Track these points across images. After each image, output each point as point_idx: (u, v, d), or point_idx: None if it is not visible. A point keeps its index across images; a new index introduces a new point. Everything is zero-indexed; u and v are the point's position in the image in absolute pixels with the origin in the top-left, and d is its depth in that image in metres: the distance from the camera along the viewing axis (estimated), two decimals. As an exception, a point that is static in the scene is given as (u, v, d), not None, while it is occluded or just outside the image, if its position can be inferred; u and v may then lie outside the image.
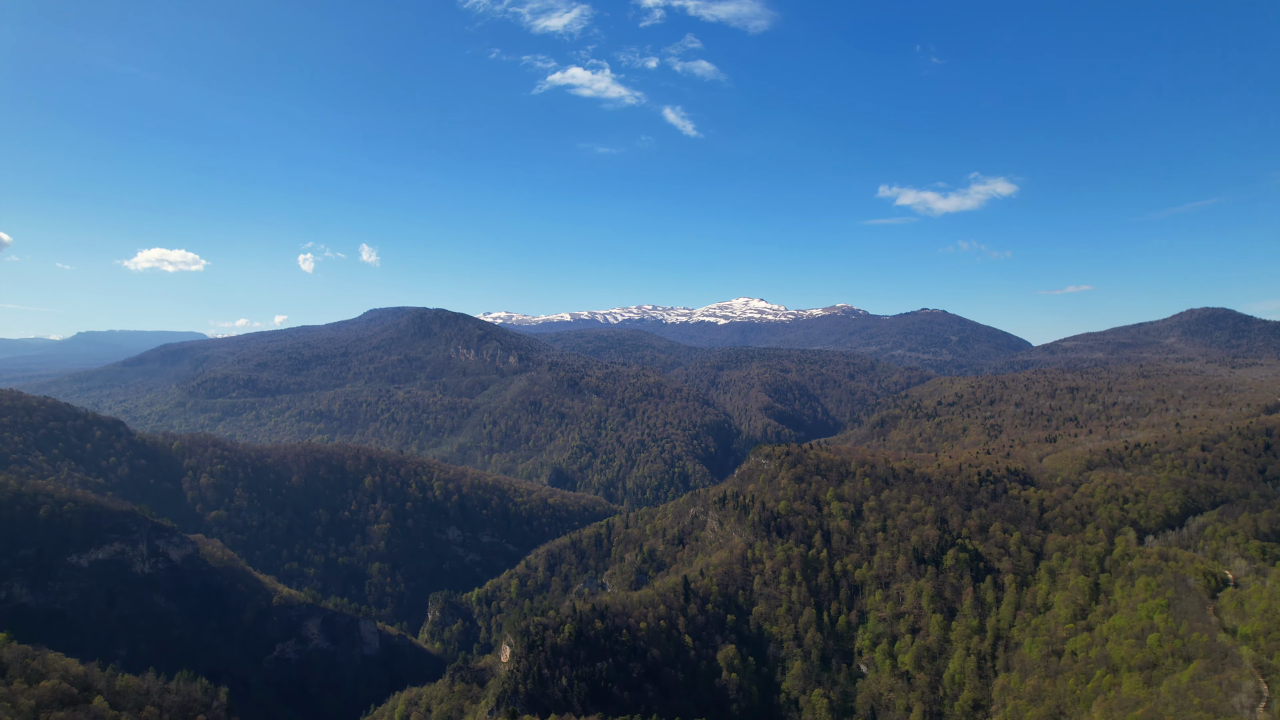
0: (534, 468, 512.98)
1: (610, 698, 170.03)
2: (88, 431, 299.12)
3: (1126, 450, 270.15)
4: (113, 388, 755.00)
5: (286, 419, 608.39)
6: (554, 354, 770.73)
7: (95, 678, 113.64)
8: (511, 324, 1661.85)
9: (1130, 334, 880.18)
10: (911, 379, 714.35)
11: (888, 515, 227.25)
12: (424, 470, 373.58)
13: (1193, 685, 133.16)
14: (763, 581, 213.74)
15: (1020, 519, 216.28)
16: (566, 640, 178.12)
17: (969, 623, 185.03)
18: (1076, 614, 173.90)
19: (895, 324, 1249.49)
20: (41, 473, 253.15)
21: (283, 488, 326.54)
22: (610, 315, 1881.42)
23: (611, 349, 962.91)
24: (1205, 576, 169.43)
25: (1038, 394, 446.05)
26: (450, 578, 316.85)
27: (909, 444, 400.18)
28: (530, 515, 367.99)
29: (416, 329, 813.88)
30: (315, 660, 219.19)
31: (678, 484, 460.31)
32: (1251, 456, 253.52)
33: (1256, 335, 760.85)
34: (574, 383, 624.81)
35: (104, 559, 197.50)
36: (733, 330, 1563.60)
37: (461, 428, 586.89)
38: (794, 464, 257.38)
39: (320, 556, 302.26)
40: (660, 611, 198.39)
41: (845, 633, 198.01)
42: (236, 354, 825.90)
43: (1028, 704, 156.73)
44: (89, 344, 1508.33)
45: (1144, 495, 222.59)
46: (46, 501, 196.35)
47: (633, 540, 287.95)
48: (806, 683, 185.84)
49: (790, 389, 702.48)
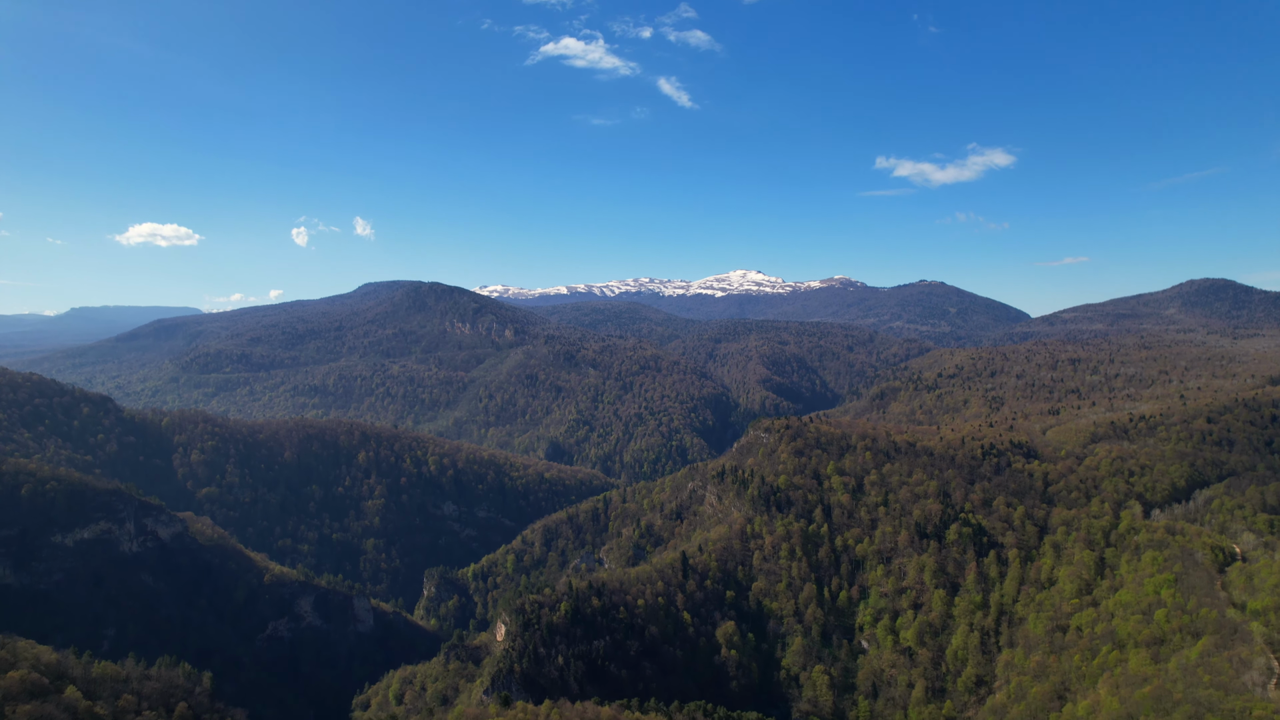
0: (530, 442, 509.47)
1: (608, 676, 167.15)
2: (74, 408, 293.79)
3: (1131, 422, 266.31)
4: (106, 363, 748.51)
5: (281, 394, 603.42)
6: (550, 327, 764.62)
7: (70, 665, 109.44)
8: (507, 297, 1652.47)
9: (1130, 305, 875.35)
10: (910, 350, 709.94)
11: (889, 489, 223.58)
12: (419, 445, 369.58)
13: (1202, 662, 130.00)
14: (762, 557, 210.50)
15: (1024, 493, 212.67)
16: (563, 618, 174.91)
17: (972, 598, 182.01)
18: (1082, 589, 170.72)
19: (893, 296, 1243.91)
20: (27, 450, 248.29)
21: (275, 464, 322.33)
22: (607, 288, 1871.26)
23: (608, 322, 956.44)
24: (1213, 551, 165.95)
25: (1039, 366, 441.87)
26: (446, 553, 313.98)
27: (909, 416, 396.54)
28: (526, 490, 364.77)
29: (411, 303, 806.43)
30: (308, 638, 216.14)
31: (675, 458, 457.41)
32: (1258, 428, 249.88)
33: (1257, 306, 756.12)
34: (570, 356, 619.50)
35: (90, 538, 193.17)
36: (730, 303, 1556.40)
37: (457, 402, 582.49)
38: (794, 437, 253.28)
39: (314, 533, 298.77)
40: (658, 588, 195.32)
41: (846, 608, 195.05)
42: (230, 329, 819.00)
43: (1032, 680, 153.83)
44: (83, 320, 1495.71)
45: (1149, 468, 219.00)
46: (29, 480, 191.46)
47: (630, 515, 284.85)
48: (807, 659, 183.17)
49: (788, 361, 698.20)
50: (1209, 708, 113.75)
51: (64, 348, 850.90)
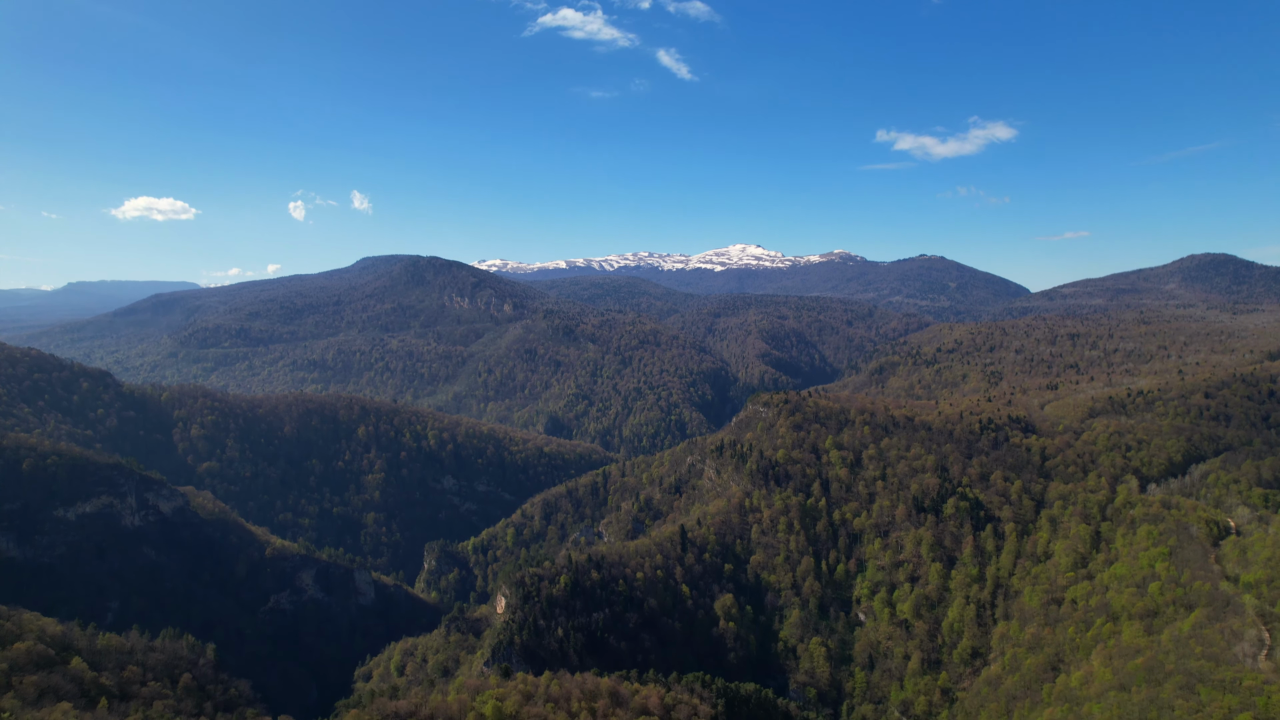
0: (530, 416, 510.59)
1: (607, 648, 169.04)
2: (74, 383, 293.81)
3: (1129, 397, 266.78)
4: (104, 338, 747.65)
5: (280, 369, 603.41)
6: (549, 301, 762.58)
7: (75, 637, 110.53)
8: (506, 272, 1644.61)
9: (1130, 280, 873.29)
10: (910, 325, 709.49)
11: (887, 463, 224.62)
12: (418, 419, 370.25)
13: (1194, 634, 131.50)
14: (760, 530, 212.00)
15: (1022, 467, 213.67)
16: (562, 591, 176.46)
17: (969, 571, 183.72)
18: (1077, 562, 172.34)
19: (893, 270, 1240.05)
20: (27, 425, 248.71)
21: (275, 438, 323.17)
22: (606, 262, 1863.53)
23: (607, 296, 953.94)
24: (1207, 524, 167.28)
25: (1038, 340, 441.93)
26: (446, 527, 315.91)
27: (908, 391, 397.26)
28: (526, 464, 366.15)
29: (410, 277, 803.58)
30: (310, 611, 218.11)
31: (674, 432, 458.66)
32: (1255, 403, 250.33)
33: (1257, 281, 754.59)
34: (570, 330, 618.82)
35: (91, 512, 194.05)
36: (730, 277, 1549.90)
37: (456, 376, 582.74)
38: (792, 412, 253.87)
39: (314, 507, 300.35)
40: (657, 561, 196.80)
41: (844, 581, 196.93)
42: (228, 304, 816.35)
43: (1026, 652, 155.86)
44: (80, 294, 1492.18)
45: (1146, 443, 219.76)
46: (29, 455, 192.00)
47: (629, 489, 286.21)
48: (804, 631, 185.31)
49: (788, 336, 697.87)
50: (1200, 679, 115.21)
51: (62, 322, 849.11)
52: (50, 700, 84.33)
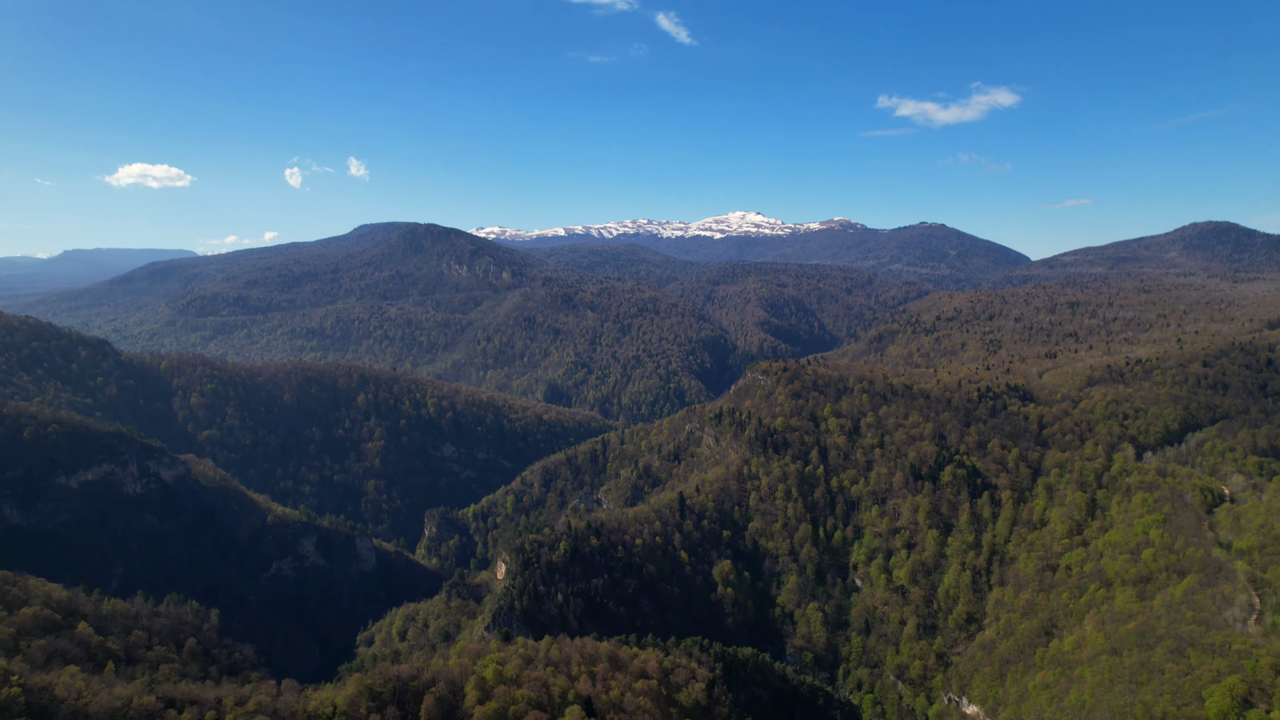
0: (529, 384, 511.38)
1: (606, 613, 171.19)
2: (72, 352, 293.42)
3: (1127, 366, 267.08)
4: (102, 306, 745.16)
5: (278, 337, 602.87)
6: (548, 269, 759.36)
7: (80, 602, 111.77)
8: (504, 239, 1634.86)
9: (1131, 248, 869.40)
10: (909, 293, 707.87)
11: (885, 431, 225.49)
12: (418, 387, 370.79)
13: (1186, 599, 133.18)
14: (759, 498, 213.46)
15: (1019, 435, 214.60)
16: (562, 557, 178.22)
17: (965, 538, 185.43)
18: (1072, 529, 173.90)
19: (893, 238, 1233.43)
20: (27, 394, 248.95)
21: (275, 406, 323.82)
22: (605, 230, 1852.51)
23: (606, 264, 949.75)
24: (1202, 492, 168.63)
25: (1037, 309, 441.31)
26: (446, 494, 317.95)
27: (907, 359, 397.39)
28: (525, 432, 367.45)
29: (408, 245, 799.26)
30: (312, 577, 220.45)
31: (673, 400, 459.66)
32: (1253, 372, 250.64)
33: (1259, 249, 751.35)
34: (568, 298, 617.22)
35: (94, 480, 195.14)
36: (729, 244, 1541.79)
37: (455, 344, 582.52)
38: (791, 380, 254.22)
39: (315, 475, 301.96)
40: (656, 528, 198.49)
41: (841, 548, 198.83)
42: (226, 271, 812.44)
43: (1021, 617, 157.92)
44: (76, 262, 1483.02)
45: (1144, 411, 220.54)
46: (30, 423, 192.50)
47: (628, 456, 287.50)
48: (802, 596, 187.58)
49: (787, 304, 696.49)
50: (1190, 643, 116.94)
51: (58, 290, 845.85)
52: (58, 663, 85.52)
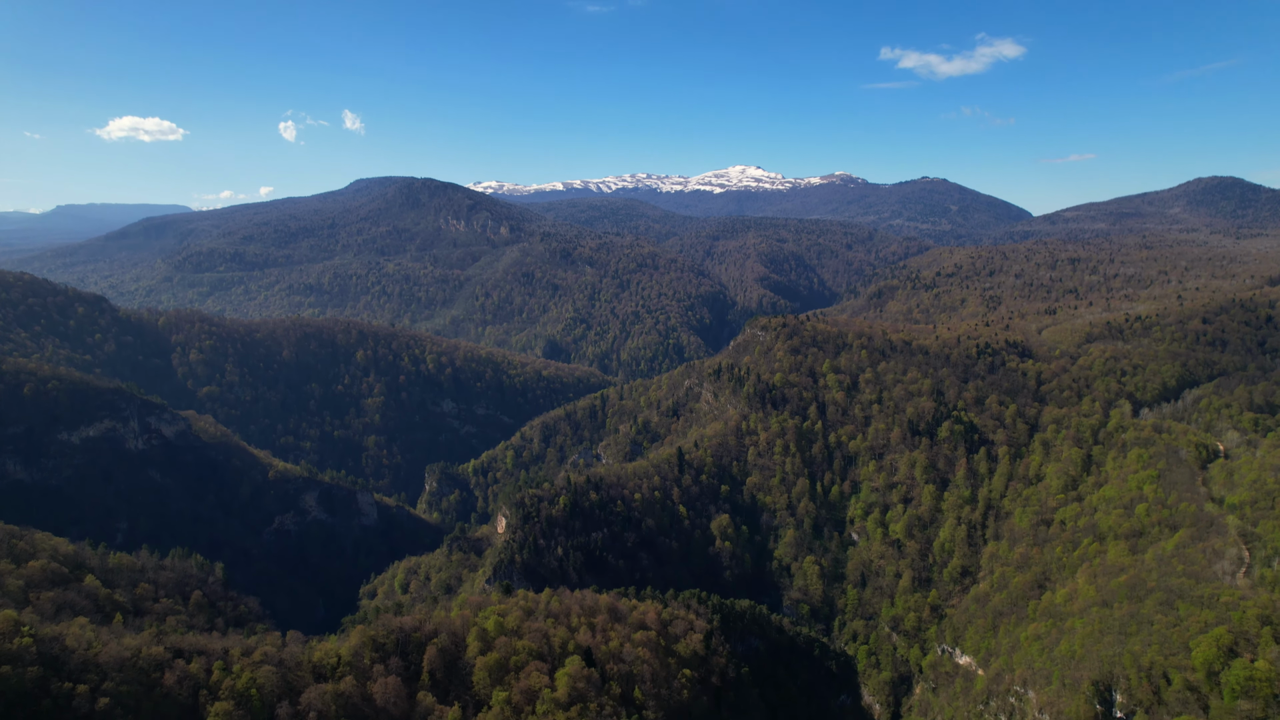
0: (528, 340, 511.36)
1: (605, 566, 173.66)
2: (69, 308, 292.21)
3: (1126, 323, 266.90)
4: (97, 262, 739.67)
5: (276, 293, 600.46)
6: (546, 224, 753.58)
7: (86, 556, 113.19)
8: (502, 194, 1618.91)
9: (1134, 204, 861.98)
10: (910, 249, 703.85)
11: (884, 387, 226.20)
12: (416, 343, 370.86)
13: (1177, 553, 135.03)
14: (757, 453, 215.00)
15: (1017, 391, 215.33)
16: (561, 512, 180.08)
17: (961, 493, 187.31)
18: (1068, 485, 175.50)
19: (894, 193, 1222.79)
20: (25, 350, 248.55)
21: (274, 362, 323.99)
22: (604, 184, 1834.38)
23: (605, 219, 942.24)
24: (1197, 448, 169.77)
25: (1038, 265, 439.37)
26: (446, 450, 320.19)
27: (906, 315, 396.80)
28: (524, 387, 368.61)
29: (405, 199, 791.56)
30: (314, 532, 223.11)
31: (672, 356, 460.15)
32: (1252, 329, 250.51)
33: (1264, 205, 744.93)
34: (567, 254, 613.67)
35: (95, 436, 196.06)
36: (729, 199, 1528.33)
37: (453, 300, 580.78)
38: (790, 336, 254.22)
39: (315, 430, 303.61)
40: (655, 483, 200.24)
41: (838, 503, 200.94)
42: (221, 227, 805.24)
43: (1014, 571, 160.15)
44: (69, 217, 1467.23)
45: (1142, 368, 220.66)
46: (30, 379, 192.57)
47: (627, 412, 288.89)
48: (799, 550, 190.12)
49: (787, 259, 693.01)
50: (1179, 595, 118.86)
51: (53, 246, 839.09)
52: (67, 615, 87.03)
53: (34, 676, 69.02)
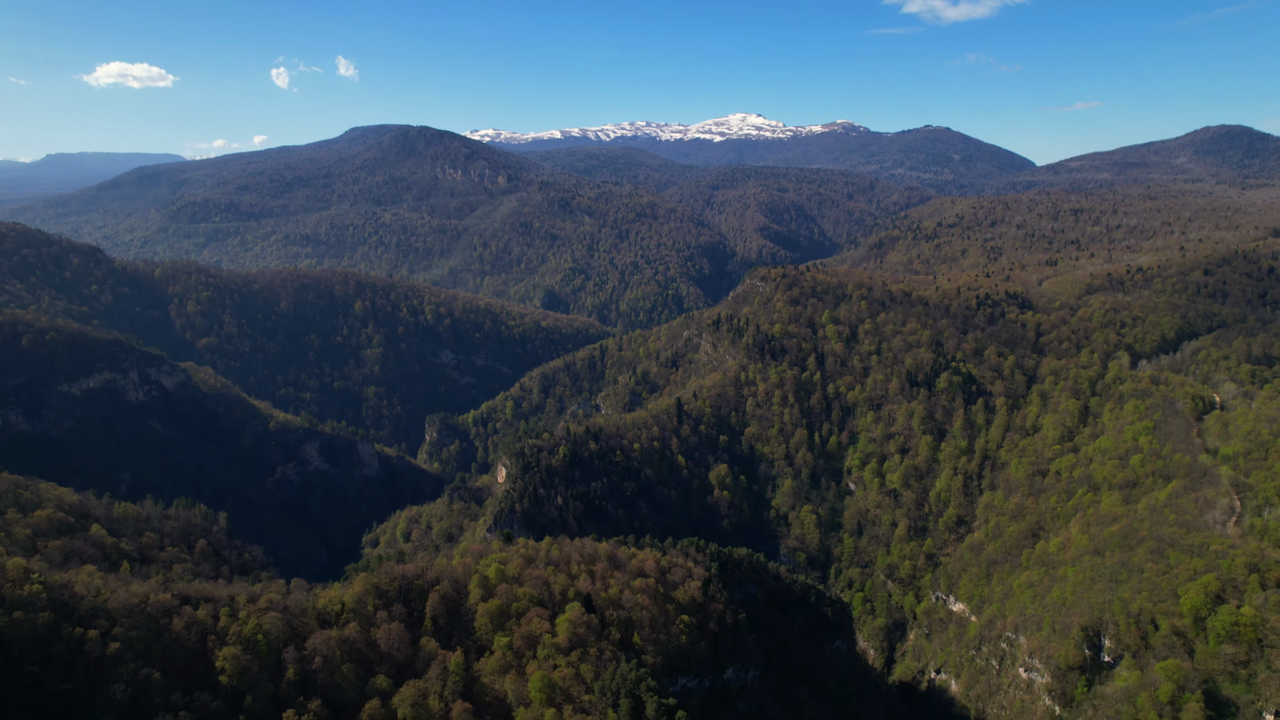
0: (526, 290, 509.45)
1: (605, 516, 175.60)
2: (64, 259, 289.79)
3: (1128, 274, 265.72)
4: (90, 212, 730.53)
5: (272, 243, 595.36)
6: (544, 173, 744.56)
7: (92, 506, 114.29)
8: (499, 142, 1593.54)
9: (1139, 154, 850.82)
10: (911, 199, 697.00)
11: (883, 338, 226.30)
12: (415, 294, 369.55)
13: (1169, 503, 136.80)
14: (755, 403, 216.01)
15: (1016, 343, 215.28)
16: (561, 461, 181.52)
17: (958, 444, 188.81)
18: (1064, 436, 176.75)
19: (896, 141, 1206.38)
20: (21, 301, 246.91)
21: (272, 314, 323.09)
22: (602, 132, 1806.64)
23: (604, 168, 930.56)
24: (1193, 400, 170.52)
25: (1040, 216, 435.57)
26: (446, 400, 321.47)
27: (907, 266, 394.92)
28: (523, 338, 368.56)
29: (401, 148, 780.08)
30: (316, 482, 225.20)
31: (671, 306, 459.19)
32: (1254, 281, 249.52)
33: (1271, 154, 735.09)
34: (565, 203, 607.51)
35: (95, 387, 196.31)
36: (729, 148, 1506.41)
37: (451, 250, 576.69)
38: (789, 286, 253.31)
39: (315, 381, 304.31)
40: (654, 433, 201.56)
41: (835, 453, 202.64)
42: (216, 176, 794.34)
43: (1009, 520, 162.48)
44: (60, 166, 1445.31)
45: (1141, 320, 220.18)
46: (28, 331, 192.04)
47: (626, 363, 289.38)
48: (796, 500, 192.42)
49: (787, 209, 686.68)
50: (1170, 543, 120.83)
51: (45, 196, 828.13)
52: (75, 563, 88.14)
53: (45, 622, 70.24)
